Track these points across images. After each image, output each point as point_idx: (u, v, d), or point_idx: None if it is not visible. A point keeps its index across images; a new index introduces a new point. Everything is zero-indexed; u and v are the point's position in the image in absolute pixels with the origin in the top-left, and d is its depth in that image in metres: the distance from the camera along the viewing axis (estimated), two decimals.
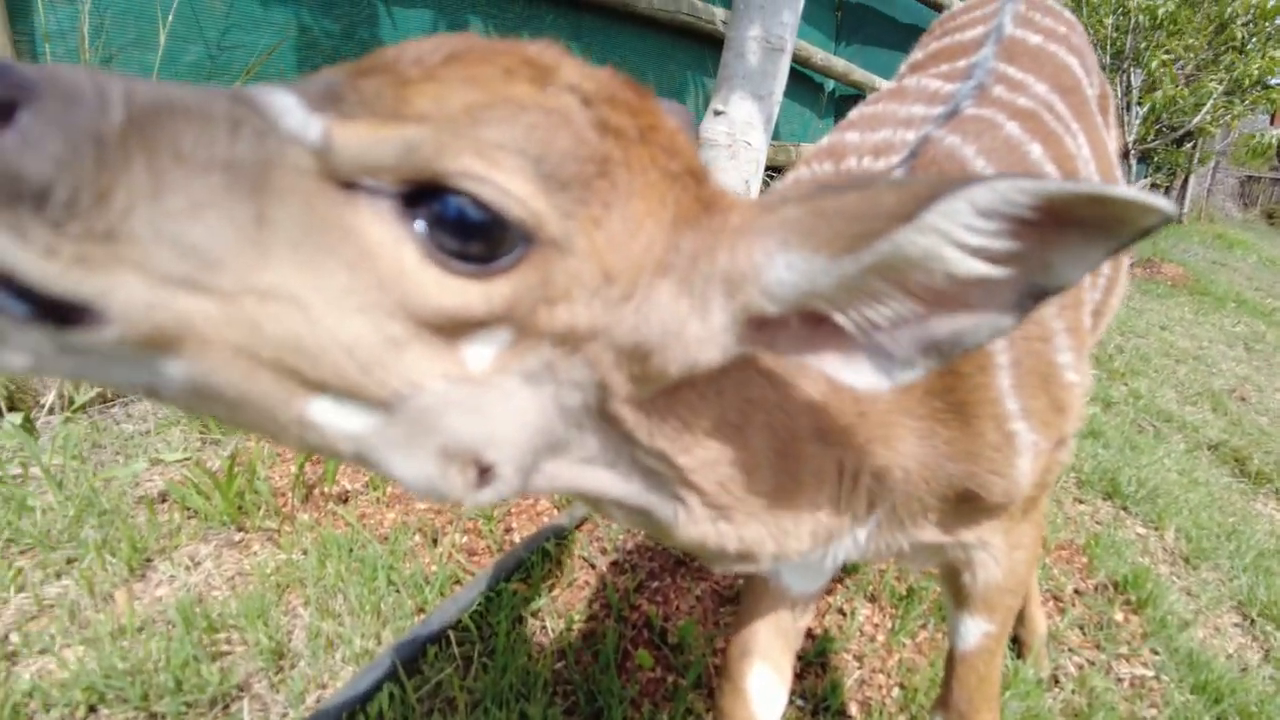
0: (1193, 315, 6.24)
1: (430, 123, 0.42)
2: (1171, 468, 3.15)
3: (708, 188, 0.54)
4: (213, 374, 0.41)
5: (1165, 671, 1.89)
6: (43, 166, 0.35)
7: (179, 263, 0.38)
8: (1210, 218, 13.81)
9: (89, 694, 1.38)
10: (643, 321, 0.51)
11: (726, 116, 2.27)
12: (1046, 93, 1.07)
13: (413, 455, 0.48)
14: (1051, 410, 0.80)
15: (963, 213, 0.46)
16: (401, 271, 0.43)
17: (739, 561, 0.71)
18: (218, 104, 0.40)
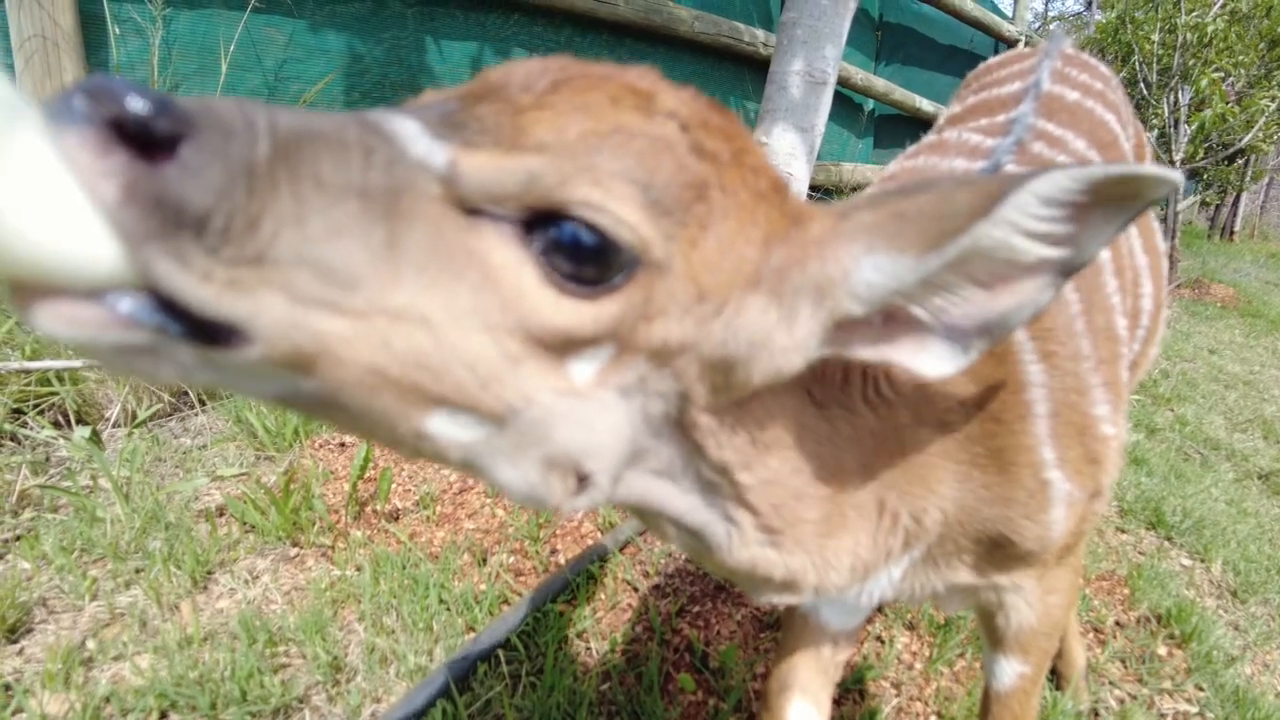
0: (1243, 338, 6.11)
1: (549, 153, 0.46)
2: (1219, 497, 3.10)
3: (790, 201, 0.58)
4: (342, 389, 0.44)
5: (1210, 708, 1.87)
6: (203, 196, 0.38)
7: (317, 285, 0.42)
8: (1264, 235, 13.47)
9: (161, 700, 1.46)
10: (731, 335, 0.55)
11: (769, 147, 2.32)
12: (1085, 149, 1.10)
13: (519, 464, 0.52)
14: (1086, 461, 0.83)
15: (1030, 204, 0.52)
16: (521, 293, 0.47)
17: (781, 591, 0.75)
18: (350, 131, 0.44)
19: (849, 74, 5.98)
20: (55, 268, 0.36)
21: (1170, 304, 6.82)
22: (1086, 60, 1.39)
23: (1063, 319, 0.84)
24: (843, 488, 0.71)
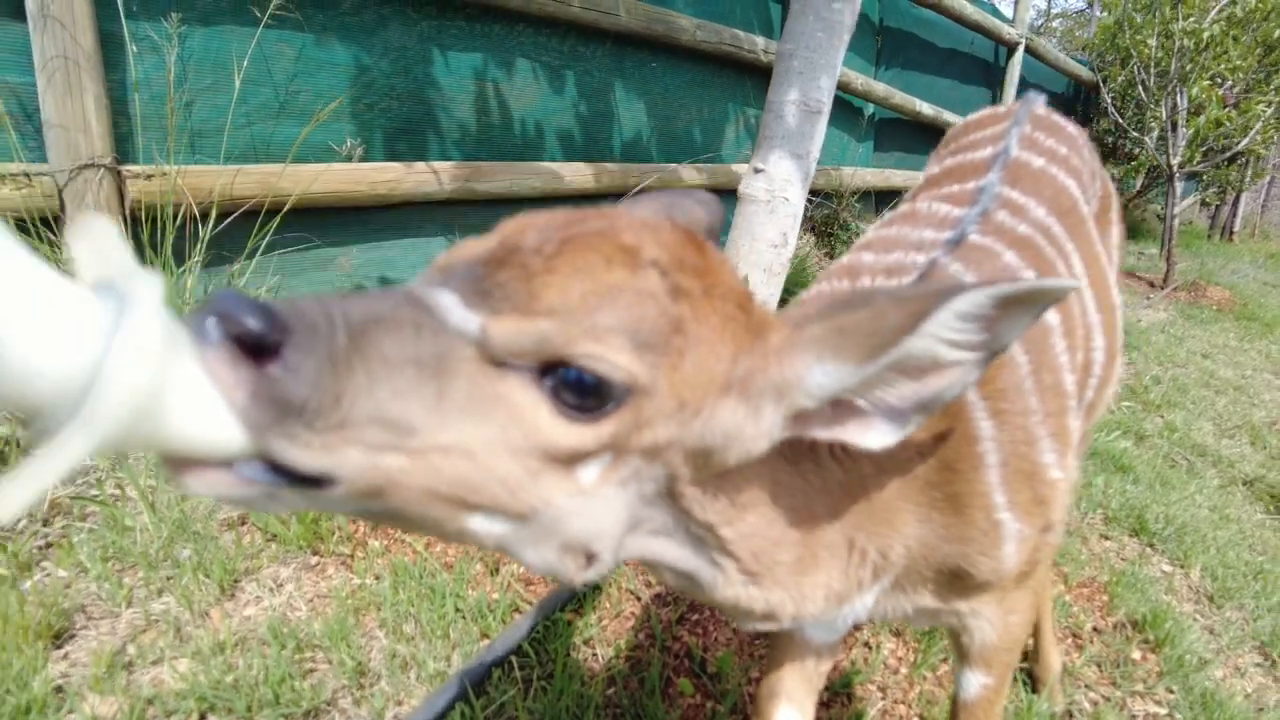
0: (1237, 341, 6.20)
1: (557, 316, 0.57)
2: (1203, 504, 3.21)
3: (754, 314, 0.70)
4: (404, 505, 0.57)
5: (1179, 710, 1.98)
6: (303, 390, 0.50)
7: (385, 435, 0.54)
8: (1265, 234, 13.52)
9: (201, 703, 1.58)
10: (708, 431, 0.67)
11: (766, 174, 2.43)
12: (1044, 216, 1.22)
13: (539, 549, 0.64)
14: (1035, 503, 0.95)
15: (949, 320, 0.64)
16: (538, 424, 0.59)
17: (763, 620, 0.87)
18: (404, 311, 0.56)
19: (849, 79, 6.07)
20: (200, 449, 0.48)
21: (1166, 307, 6.91)
22: (1055, 122, 1.50)
23: (1013, 379, 0.96)
24: (814, 532, 0.83)
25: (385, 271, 3.84)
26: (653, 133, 5.09)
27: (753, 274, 2.47)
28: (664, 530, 0.75)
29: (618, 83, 4.76)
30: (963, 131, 1.55)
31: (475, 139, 4.04)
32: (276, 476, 0.52)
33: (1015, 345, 0.97)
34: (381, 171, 3.60)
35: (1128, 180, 10.65)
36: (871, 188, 7.06)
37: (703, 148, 5.51)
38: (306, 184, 3.23)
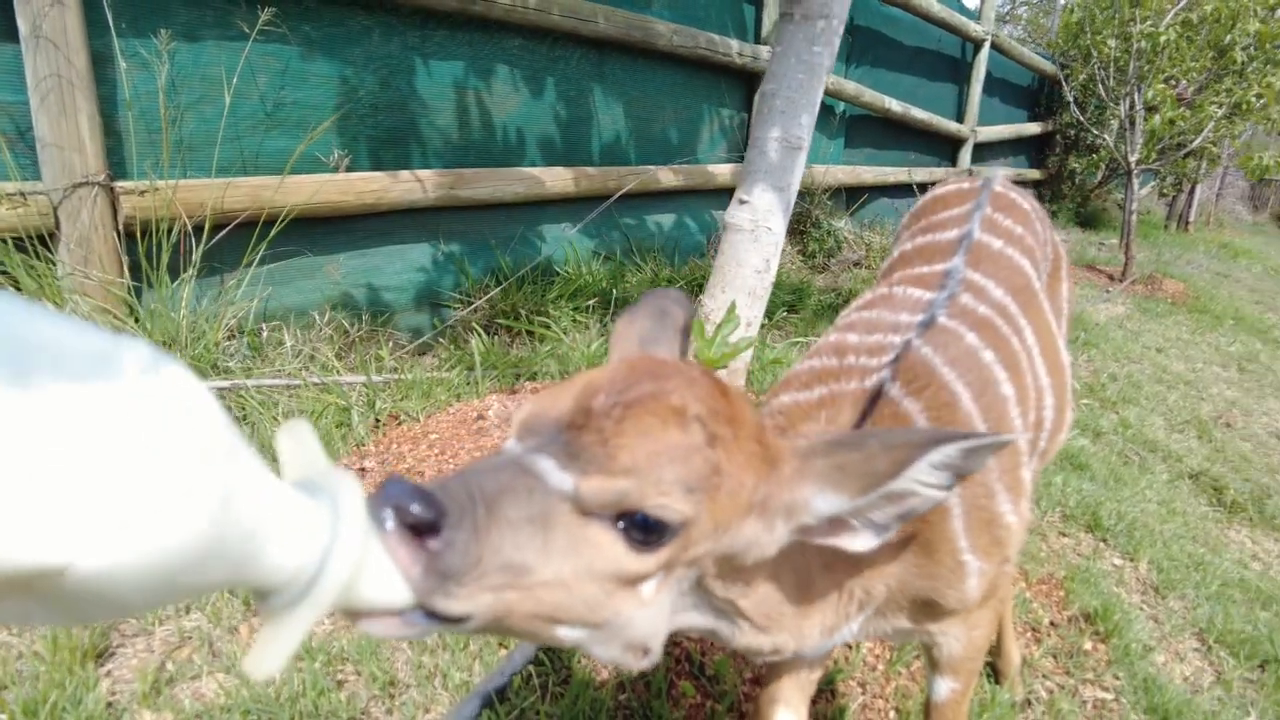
0: (1189, 335, 6.50)
1: (631, 476, 0.73)
2: (1152, 498, 3.46)
3: (769, 446, 0.86)
4: (513, 625, 0.72)
5: (1124, 695, 2.21)
6: (458, 560, 0.65)
7: (506, 578, 0.69)
8: (1219, 223, 13.99)
9: (246, 716, 1.72)
10: (734, 543, 0.84)
11: (750, 205, 2.58)
12: (1002, 296, 1.41)
13: (608, 647, 0.80)
14: (993, 544, 1.14)
15: (924, 469, 0.82)
16: (615, 558, 0.75)
17: (771, 655, 1.05)
18: (519, 480, 0.71)
19: None
20: (378, 606, 0.62)
21: (1125, 301, 7.21)
22: (1011, 200, 1.69)
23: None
24: (811, 589, 1.02)
25: (372, 279, 3.94)
26: (631, 136, 5.21)
27: (738, 297, 2.63)
28: (693, 608, 0.93)
29: (596, 88, 4.87)
30: (930, 208, 1.73)
31: (458, 147, 4.14)
32: (431, 620, 0.67)
33: (975, 415, 1.16)
34: (368, 181, 3.69)
35: (1089, 173, 10.98)
36: (843, 185, 7.24)
37: (679, 149, 5.64)
38: (296, 196, 3.32)
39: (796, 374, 1.30)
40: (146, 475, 0.42)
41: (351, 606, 0.60)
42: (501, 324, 4.11)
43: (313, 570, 0.55)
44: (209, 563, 0.47)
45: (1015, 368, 1.32)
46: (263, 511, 0.52)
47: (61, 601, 0.42)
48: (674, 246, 5.60)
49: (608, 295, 4.41)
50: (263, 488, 0.53)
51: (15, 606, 0.41)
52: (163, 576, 0.44)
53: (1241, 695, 2.36)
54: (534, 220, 4.60)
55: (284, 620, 0.55)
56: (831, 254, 6.57)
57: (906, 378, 1.18)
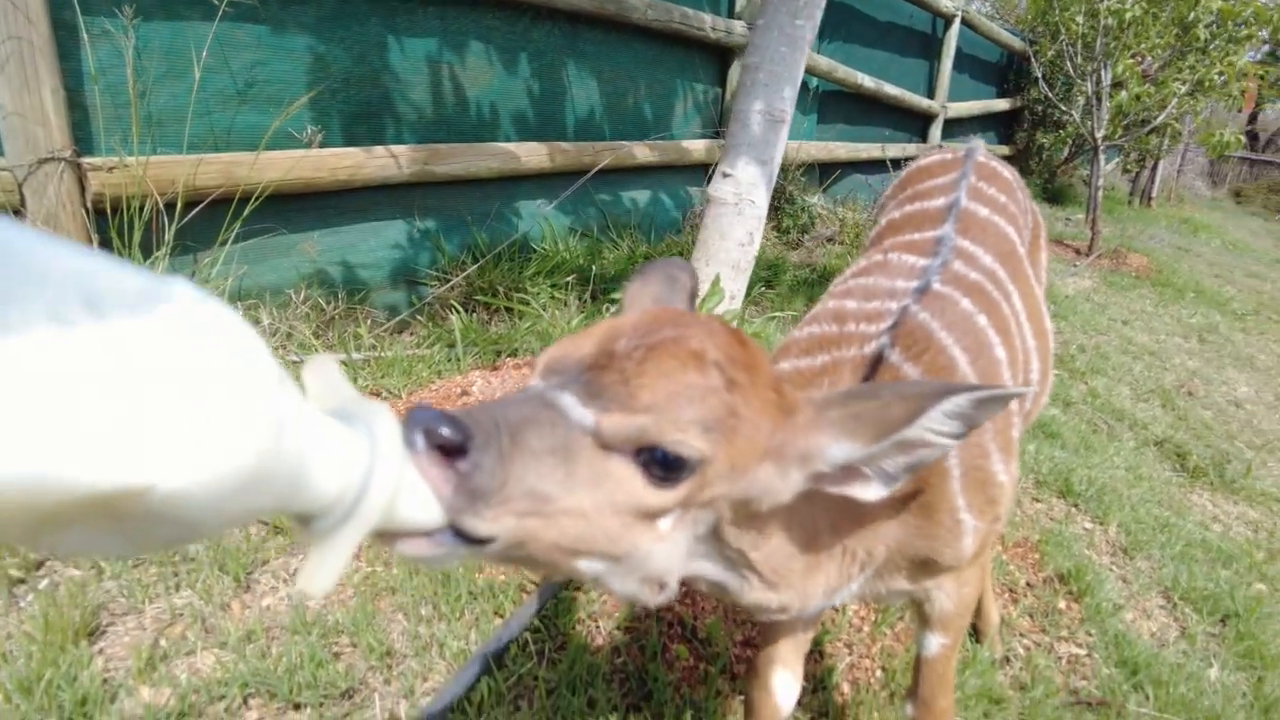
0: (1153, 308, 6.67)
1: (651, 413, 0.75)
2: (1120, 465, 3.57)
3: (785, 395, 0.89)
4: (534, 554, 0.74)
5: (1096, 650, 2.30)
6: (486, 480, 0.67)
7: (530, 505, 0.70)
8: (1180, 198, 14.29)
9: (244, 689, 1.73)
10: (750, 487, 0.86)
11: (734, 178, 2.60)
12: (991, 263, 1.44)
13: (626, 581, 0.82)
14: (987, 503, 1.18)
15: (937, 418, 0.84)
16: (635, 492, 0.77)
17: (776, 614, 1.08)
18: (542, 412, 0.73)
19: None
20: (411, 526, 0.64)
21: (1091, 274, 7.36)
22: (994, 169, 1.73)
23: None
24: (818, 546, 1.05)
25: (348, 257, 3.90)
26: (605, 111, 5.18)
27: (722, 270, 2.65)
28: (706, 556, 0.96)
29: (570, 62, 4.83)
30: (915, 177, 1.77)
31: (431, 122, 4.09)
32: (458, 540, 0.68)
33: (972, 378, 1.19)
34: (342, 158, 3.64)
35: (1056, 149, 11.13)
36: (816, 161, 7.27)
37: (654, 125, 5.62)
38: (271, 172, 3.27)
39: (795, 340, 1.32)
40: (218, 399, 0.45)
41: (387, 527, 0.63)
42: (479, 301, 4.09)
43: (355, 492, 0.58)
44: (267, 484, 0.50)
45: (1006, 332, 1.36)
46: (309, 437, 0.55)
47: (137, 525, 0.44)
48: (650, 223, 5.60)
49: (585, 272, 4.40)
50: (306, 415, 0.56)
51: (86, 534, 0.43)
52: (230, 496, 0.47)
53: (1205, 648, 2.47)
54: (509, 196, 4.57)
55: (331, 541, 0.58)
56: (806, 230, 6.61)
57: (905, 343, 1.21)
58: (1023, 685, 2.12)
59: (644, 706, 1.83)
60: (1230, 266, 9.40)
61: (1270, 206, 17.31)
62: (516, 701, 1.78)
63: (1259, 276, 9.26)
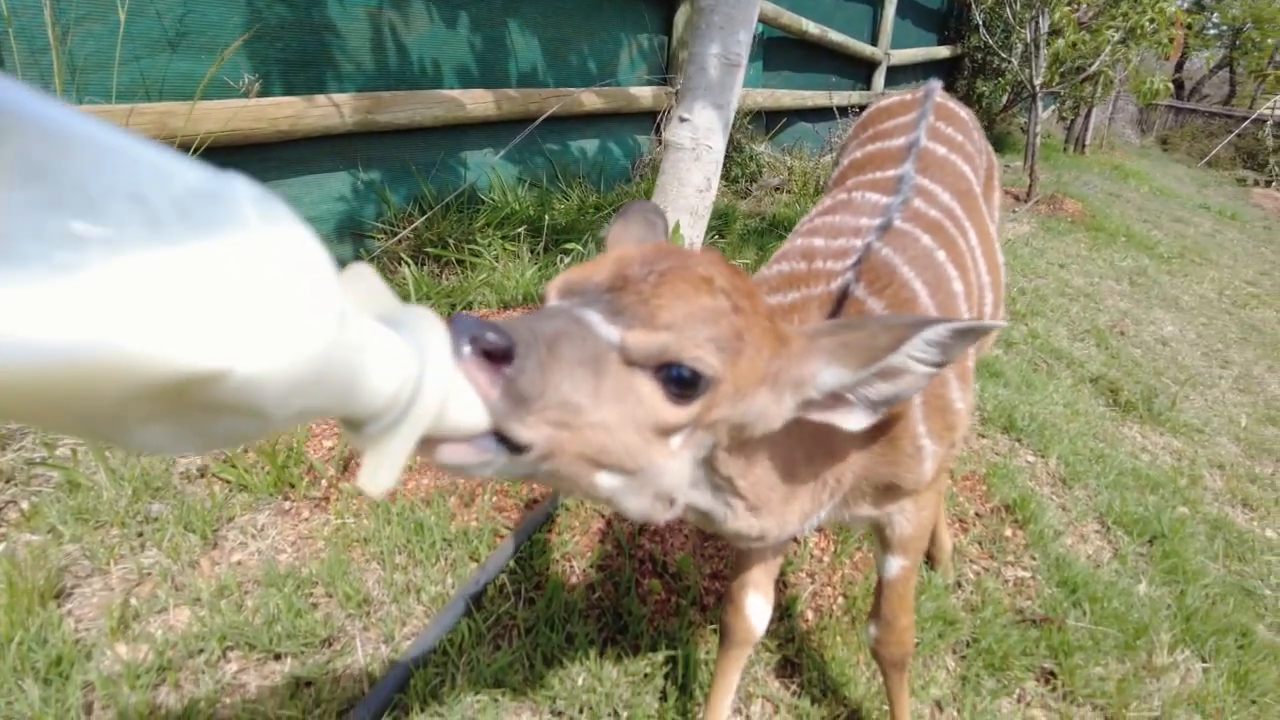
0: (1088, 251, 6.91)
1: (671, 330, 0.78)
2: (1059, 401, 3.74)
3: (778, 325, 0.93)
4: (560, 466, 0.76)
5: (1039, 572, 2.44)
6: (529, 386, 0.69)
7: (563, 414, 0.72)
8: (1111, 145, 14.70)
9: (222, 643, 1.73)
10: (748, 410, 0.90)
11: (691, 123, 2.60)
12: (949, 200, 1.49)
13: (640, 497, 0.86)
14: (945, 428, 1.26)
15: (920, 345, 0.90)
16: (654, 407, 0.80)
17: (756, 541, 1.14)
18: (572, 326, 0.75)
19: None
20: (457, 430, 0.66)
21: (1030, 220, 7.58)
22: (951, 110, 1.77)
23: None
24: (795, 474, 1.11)
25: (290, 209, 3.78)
26: (549, 58, 5.07)
27: (681, 217, 2.66)
28: (698, 484, 1.00)
29: (513, 9, 4.71)
30: (876, 118, 1.80)
31: (373, 70, 3.96)
32: (499, 445, 0.70)
33: (932, 310, 1.25)
34: (282, 107, 3.51)
35: (996, 96, 11.31)
36: (763, 108, 7.26)
37: (599, 72, 5.53)
38: (208, 123, 3.14)
39: (766, 278, 1.36)
40: (287, 288, 0.46)
41: (434, 431, 0.64)
42: (430, 253, 4.03)
43: (409, 393, 0.59)
44: (330, 379, 0.51)
45: (963, 266, 1.42)
46: (364, 337, 0.56)
47: (211, 415, 0.45)
48: (599, 172, 5.55)
49: (536, 223, 4.36)
50: (359, 316, 0.56)
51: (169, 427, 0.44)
52: (298, 387, 0.48)
53: (1134, 567, 2.64)
54: (455, 145, 4.47)
55: (387, 442, 0.59)
56: (754, 179, 6.63)
57: (869, 278, 1.26)
58: (974, 607, 2.25)
59: (620, 639, 1.90)
60: (1157, 212, 9.76)
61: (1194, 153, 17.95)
62: (496, 641, 1.82)
63: (1183, 221, 9.65)
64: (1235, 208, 11.73)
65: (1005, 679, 2.04)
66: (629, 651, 1.88)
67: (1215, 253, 8.35)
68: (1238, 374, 5.02)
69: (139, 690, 1.61)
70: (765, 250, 4.84)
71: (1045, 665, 2.12)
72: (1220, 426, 4.14)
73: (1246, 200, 13.01)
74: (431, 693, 1.69)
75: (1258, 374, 5.13)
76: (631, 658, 1.86)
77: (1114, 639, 2.22)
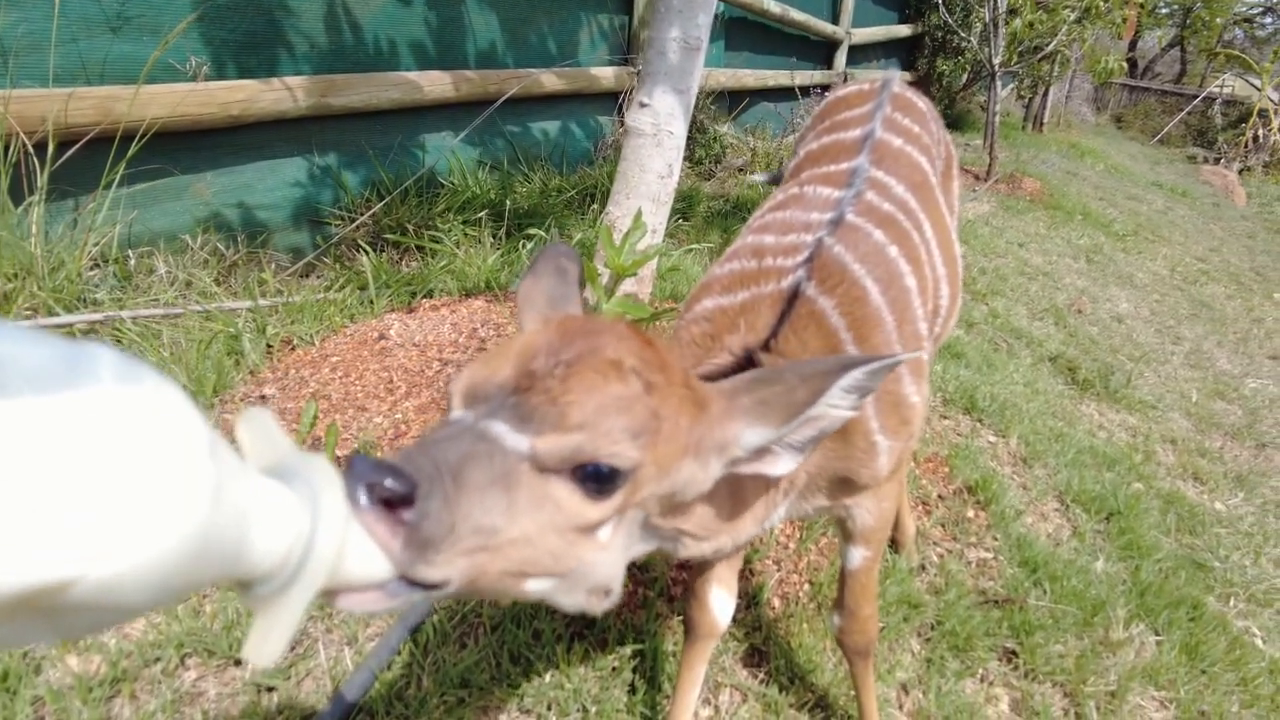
0: (1046, 230, 7.01)
1: (582, 430, 0.76)
2: (1019, 380, 3.80)
3: (695, 388, 0.92)
4: (485, 586, 0.74)
5: (1001, 553, 2.49)
6: (435, 528, 0.66)
7: (478, 540, 0.70)
8: (1068, 124, 14.89)
9: (179, 649, 1.69)
10: (675, 482, 0.89)
11: (651, 108, 2.56)
12: (903, 193, 1.49)
13: (573, 594, 0.84)
14: (900, 423, 1.26)
15: (836, 394, 0.90)
16: (574, 509, 0.78)
17: (713, 556, 1.15)
18: (479, 446, 0.72)
19: None
20: (359, 582, 0.63)
21: (989, 199, 7.66)
22: (910, 101, 1.77)
23: (884, 336, 1.24)
24: (744, 494, 1.12)
25: (244, 197, 3.69)
26: (508, 39, 4.97)
27: (643, 204, 2.63)
28: (643, 541, 0.99)
29: None
30: (833, 108, 1.79)
31: (327, 51, 3.86)
32: (412, 588, 0.68)
33: (884, 308, 1.25)
34: (233, 90, 3.41)
35: (956, 75, 11.37)
36: (725, 89, 7.21)
37: (559, 53, 5.45)
38: (154, 108, 3.03)
39: (717, 278, 1.34)
40: (144, 477, 0.42)
41: (334, 585, 0.61)
42: (389, 240, 3.95)
43: (300, 553, 0.56)
44: (206, 557, 0.47)
45: (916, 260, 1.42)
46: (247, 500, 0.52)
47: (67, 614, 0.41)
48: (561, 154, 5.48)
49: (498, 207, 4.29)
50: (242, 478, 0.53)
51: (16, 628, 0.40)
52: (167, 575, 0.44)
53: (1092, 544, 2.71)
54: (413, 129, 4.38)
55: (278, 605, 0.56)
56: (718, 160, 6.60)
57: (820, 276, 1.24)
58: (938, 589, 2.28)
59: (587, 634, 1.89)
60: (1113, 190, 9.93)
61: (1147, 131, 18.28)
62: (463, 640, 1.80)
63: (1137, 199, 9.84)
64: (1186, 185, 11.99)
65: (969, 659, 2.08)
66: (596, 646, 1.87)
67: (1167, 230, 8.54)
68: (1189, 350, 5.15)
69: (91, 704, 1.56)
70: (730, 233, 4.83)
71: (1007, 645, 2.16)
72: (1173, 402, 4.24)
73: (1196, 178, 13.30)
74: (397, 695, 1.67)
75: (1207, 349, 5.27)
76: (599, 652, 1.86)
77: (1073, 616, 2.27)
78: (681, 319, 1.34)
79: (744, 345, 1.18)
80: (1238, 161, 14.79)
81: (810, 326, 1.20)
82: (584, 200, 4.81)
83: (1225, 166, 14.34)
